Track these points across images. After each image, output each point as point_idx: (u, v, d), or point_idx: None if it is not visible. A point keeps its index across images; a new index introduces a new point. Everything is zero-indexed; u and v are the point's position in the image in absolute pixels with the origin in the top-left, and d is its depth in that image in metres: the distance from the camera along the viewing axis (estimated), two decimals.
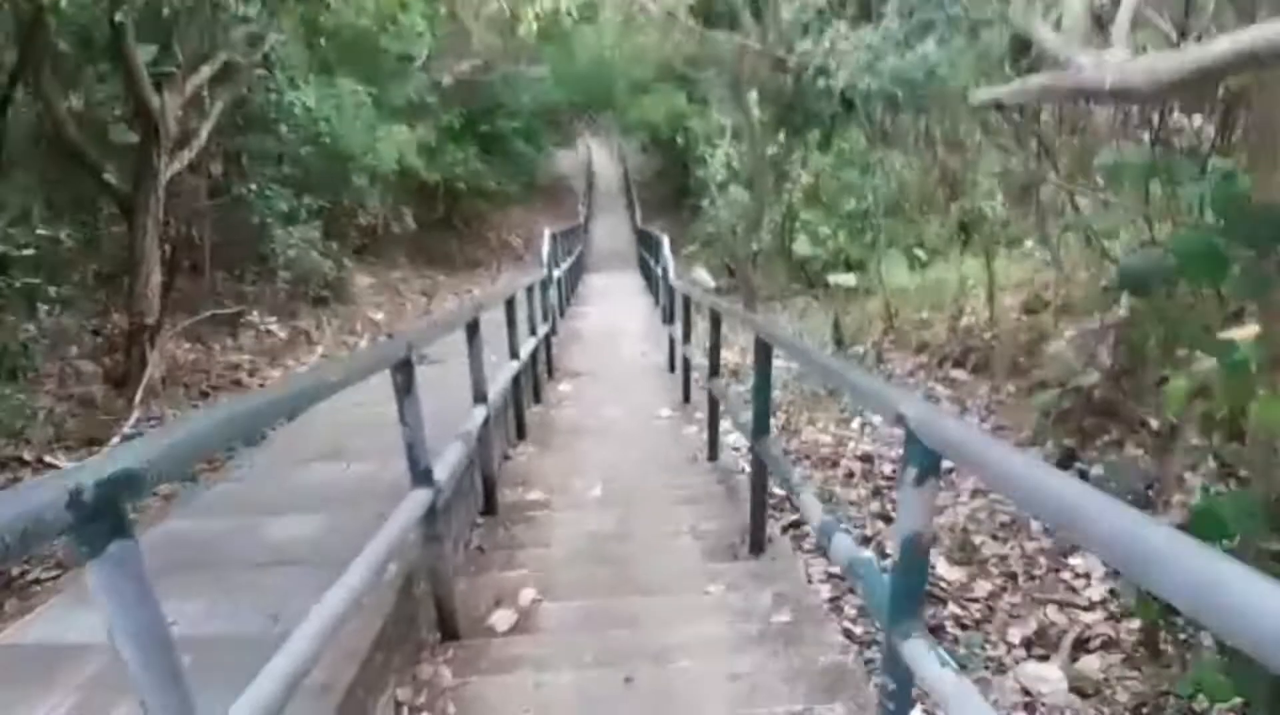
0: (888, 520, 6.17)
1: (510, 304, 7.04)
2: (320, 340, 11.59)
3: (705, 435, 7.22)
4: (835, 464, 7.49)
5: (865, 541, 5.76)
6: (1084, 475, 6.53)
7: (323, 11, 11.93)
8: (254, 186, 10.99)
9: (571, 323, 13.87)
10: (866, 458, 7.53)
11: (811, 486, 4.13)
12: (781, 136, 17.65)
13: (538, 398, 9.10)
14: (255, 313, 10.76)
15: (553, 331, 11.56)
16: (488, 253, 23.85)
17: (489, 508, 5.59)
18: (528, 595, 4.22)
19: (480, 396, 5.24)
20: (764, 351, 4.27)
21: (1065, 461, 6.78)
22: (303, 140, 12.02)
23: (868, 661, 3.95)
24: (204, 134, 9.97)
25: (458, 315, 4.92)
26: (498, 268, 22.89)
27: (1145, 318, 7.54)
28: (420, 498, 3.41)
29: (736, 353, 12.70)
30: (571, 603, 4.17)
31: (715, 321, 6.38)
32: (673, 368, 10.54)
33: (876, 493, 6.86)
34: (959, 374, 9.29)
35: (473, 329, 5.12)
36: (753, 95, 16.42)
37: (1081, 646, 4.38)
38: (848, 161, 16.15)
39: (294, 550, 4.00)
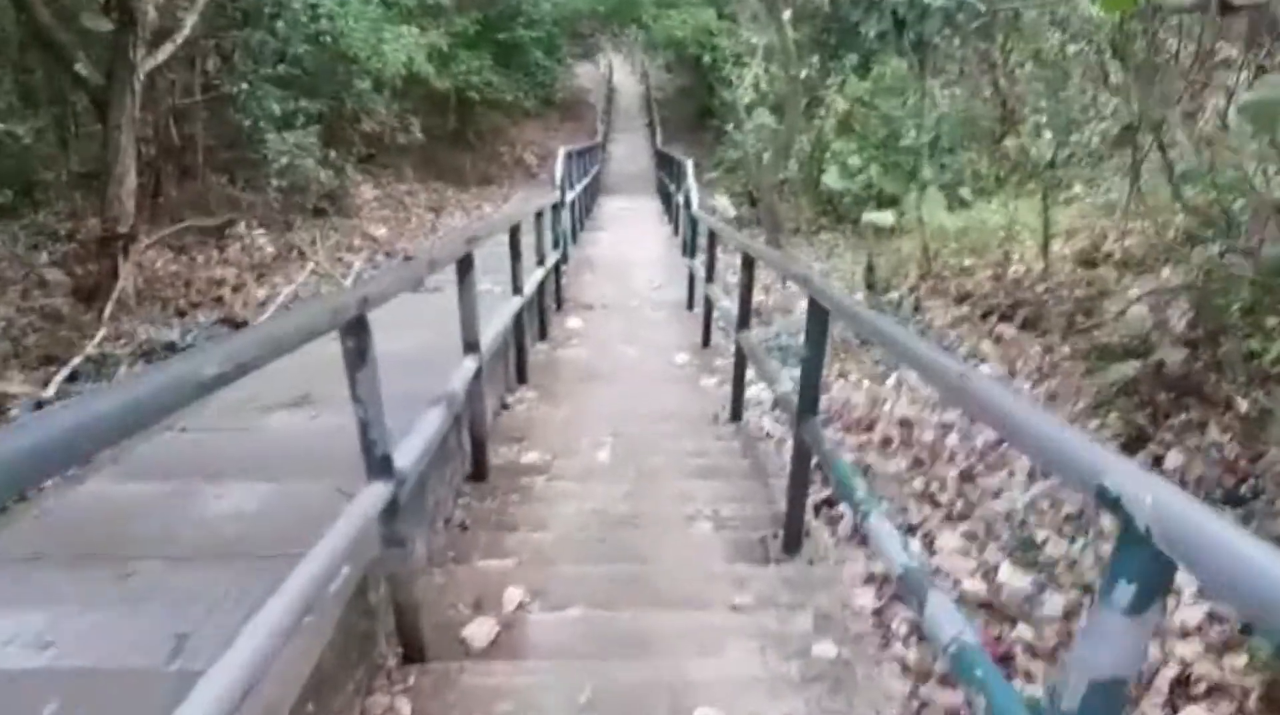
0: (934, 502, 5.41)
1: (514, 232, 6.21)
2: (313, 256, 10.77)
3: (727, 388, 6.46)
4: (870, 427, 6.72)
5: (909, 530, 5.00)
6: (1158, 461, 5.75)
7: None
8: (245, 85, 10.05)
9: (584, 249, 13.01)
10: (905, 422, 6.74)
11: (878, 501, 3.34)
12: (816, 59, 16.60)
13: (544, 334, 8.32)
14: (243, 223, 9.92)
15: (564, 259, 10.72)
16: (500, 169, 22.82)
17: (478, 472, 4.83)
18: (514, 597, 3.46)
19: (471, 345, 4.45)
20: (819, 319, 3.46)
21: (1135, 443, 5.99)
22: (302, 38, 11.03)
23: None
24: (189, 24, 9.04)
25: (446, 251, 4.08)
26: (510, 185, 21.92)
27: (1226, 278, 6.70)
28: (377, 493, 2.63)
29: (759, 290, 11.86)
30: (567, 612, 3.41)
31: (748, 264, 5.55)
32: (691, 305, 9.75)
33: (918, 464, 6.10)
34: (1006, 329, 8.43)
35: (465, 266, 4.31)
36: (787, 14, 15.33)
37: (1182, 690, 3.62)
38: (887, 89, 15.07)
39: (228, 535, 3.24)
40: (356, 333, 2.52)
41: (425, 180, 19.31)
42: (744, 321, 5.62)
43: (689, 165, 11.96)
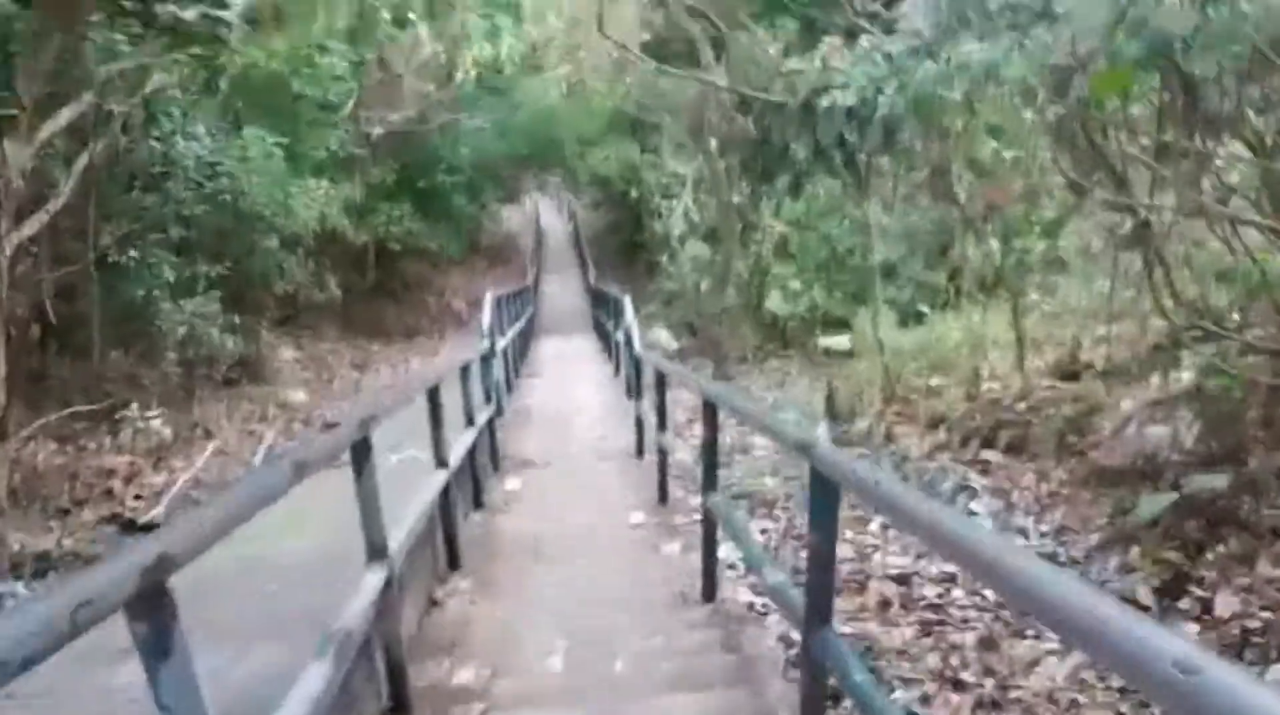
0: (957, 685, 4.47)
1: (434, 396, 5.31)
2: (218, 432, 9.74)
3: (693, 557, 5.53)
4: (862, 588, 5.81)
5: None
6: (1207, 608, 4.89)
7: (221, 52, 10.26)
8: (134, 253, 9.15)
9: (521, 398, 12.11)
10: (902, 579, 5.85)
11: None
12: (746, 185, 16.22)
13: (479, 502, 7.34)
14: (135, 405, 8.88)
15: (498, 412, 9.81)
16: (428, 319, 22.00)
17: (397, 706, 3.81)
18: None
19: (377, 551, 3.50)
20: (827, 495, 2.60)
21: (1173, 585, 5.14)
22: (198, 199, 10.21)
23: None
24: (65, 190, 8.18)
25: (321, 445, 3.13)
26: (439, 336, 21.08)
27: (1226, 384, 5.99)
28: None
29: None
30: None
31: (711, 413, 4.69)
32: (640, 452, 8.86)
33: (925, 630, 5.18)
34: (991, 456, 7.65)
35: (359, 453, 3.39)
36: (713, 142, 14.98)
37: None
38: (822, 210, 14.65)
39: None
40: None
41: (348, 337, 18.41)
42: (710, 482, 4.73)
43: (626, 302, 11.22)
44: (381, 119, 17.39)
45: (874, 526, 6.80)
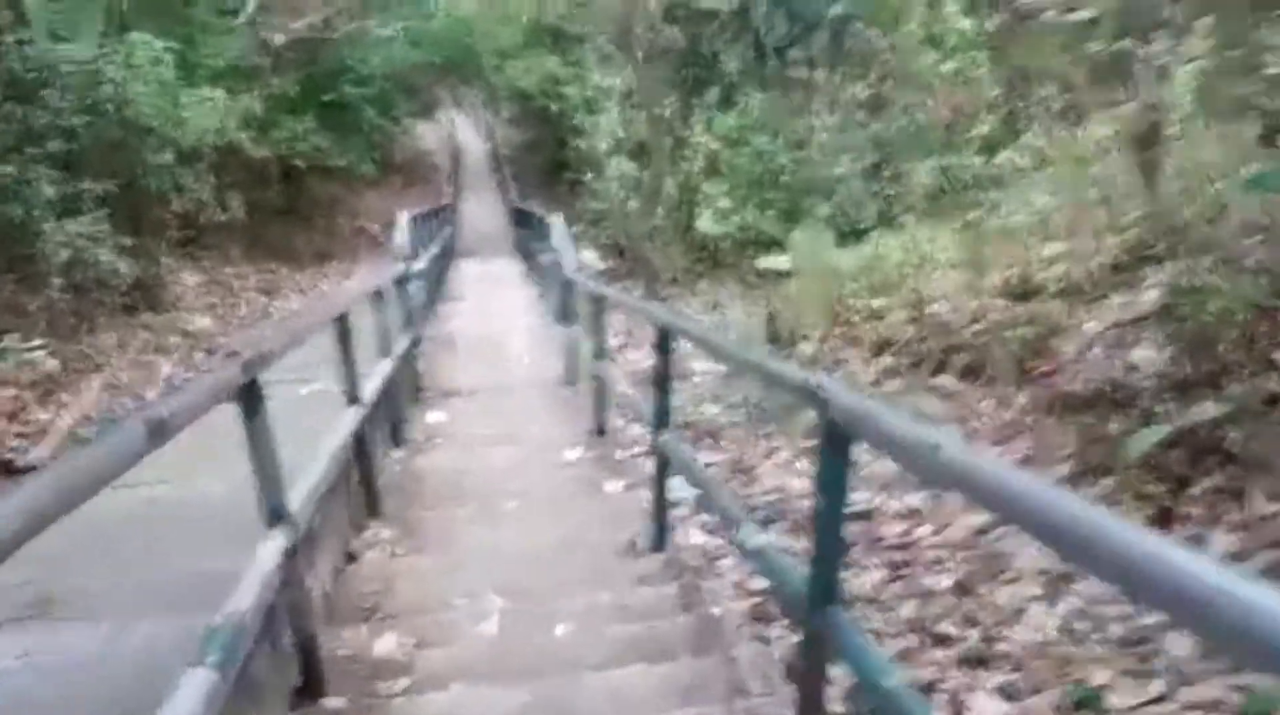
0: (937, 638, 4.07)
1: (342, 325, 4.68)
2: (109, 364, 8.90)
3: (639, 495, 5.06)
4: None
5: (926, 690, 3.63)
6: (1199, 542, 4.53)
7: None
8: (9, 169, 8.16)
9: (443, 323, 11.42)
10: (862, 514, 5.43)
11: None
12: (674, 99, 15.55)
13: (398, 439, 6.74)
14: (16, 335, 8.00)
15: (416, 342, 9.16)
16: (340, 242, 20.92)
17: (309, 685, 3.26)
18: None
19: (276, 513, 2.92)
20: (838, 448, 2.08)
21: (1160, 523, 4.78)
22: (79, 109, 9.16)
23: None
24: None
25: (209, 388, 2.52)
26: (353, 259, 20.10)
27: (1202, 300, 5.63)
28: None
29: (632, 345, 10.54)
30: None
31: (664, 339, 4.14)
32: (572, 380, 8.33)
33: (895, 575, 4.79)
34: (945, 382, 7.24)
35: (249, 399, 2.78)
36: (640, 54, 14.25)
37: None
38: (754, 125, 14.03)
39: None
40: None
41: (255, 261, 17.37)
42: (663, 419, 4.21)
43: (556, 221, 10.53)
44: (283, 25, 16.16)
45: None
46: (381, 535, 4.86)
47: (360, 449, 4.94)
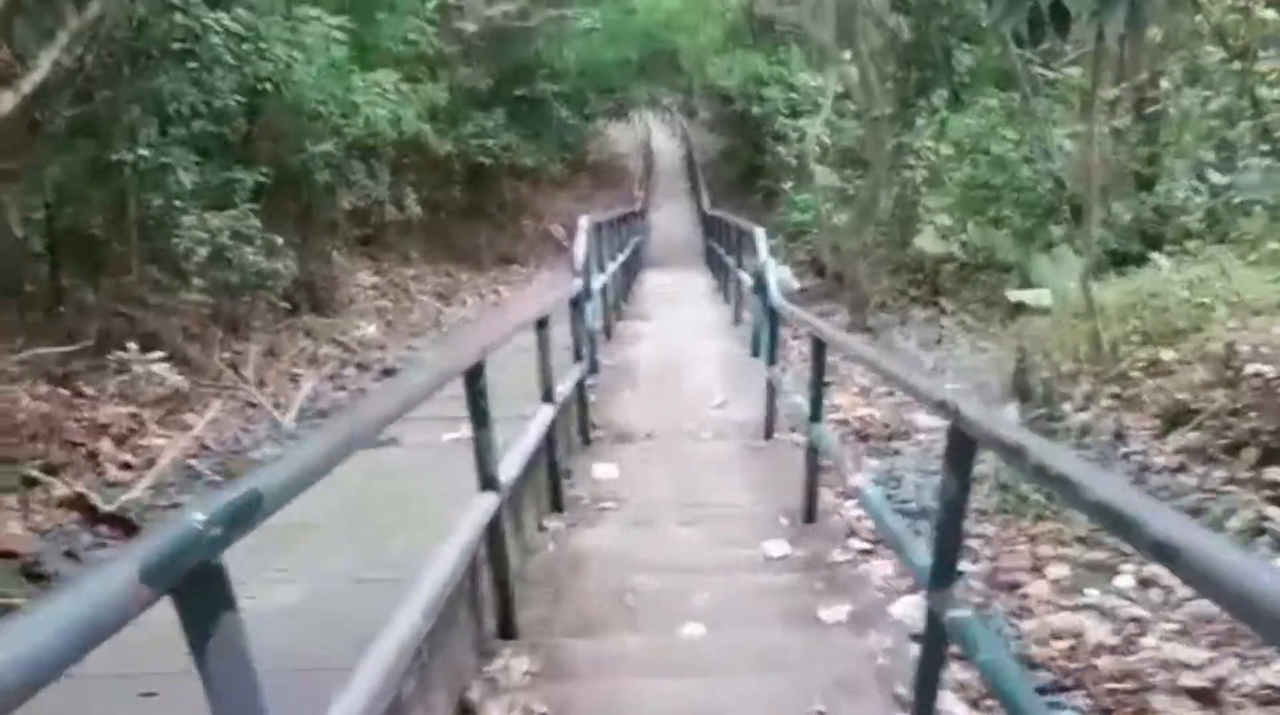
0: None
1: (473, 381, 3.31)
2: (244, 379, 7.92)
3: (875, 646, 3.52)
4: None
5: None
6: None
7: None
8: (144, 152, 7.26)
9: (622, 348, 10.04)
10: (1205, 693, 3.69)
11: None
12: (895, 100, 13.78)
13: (557, 503, 5.39)
14: (133, 344, 7.07)
15: (592, 368, 7.85)
16: (524, 245, 19.98)
17: None
18: None
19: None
20: None
21: None
22: (231, 87, 8.19)
23: None
24: (45, 63, 6.33)
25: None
26: (536, 263, 19.13)
27: None
28: None
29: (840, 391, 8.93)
30: None
31: (962, 447, 2.57)
32: (770, 432, 6.83)
33: None
34: None
35: None
36: (864, 46, 12.58)
37: None
38: (990, 131, 12.12)
39: None
40: None
41: (435, 262, 16.57)
42: (945, 571, 2.63)
43: (759, 234, 8.98)
44: (476, 12, 15.18)
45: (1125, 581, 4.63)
46: (513, 676, 3.46)
47: (494, 542, 3.58)
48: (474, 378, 3.26)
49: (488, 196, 19.14)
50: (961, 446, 2.31)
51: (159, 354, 7.05)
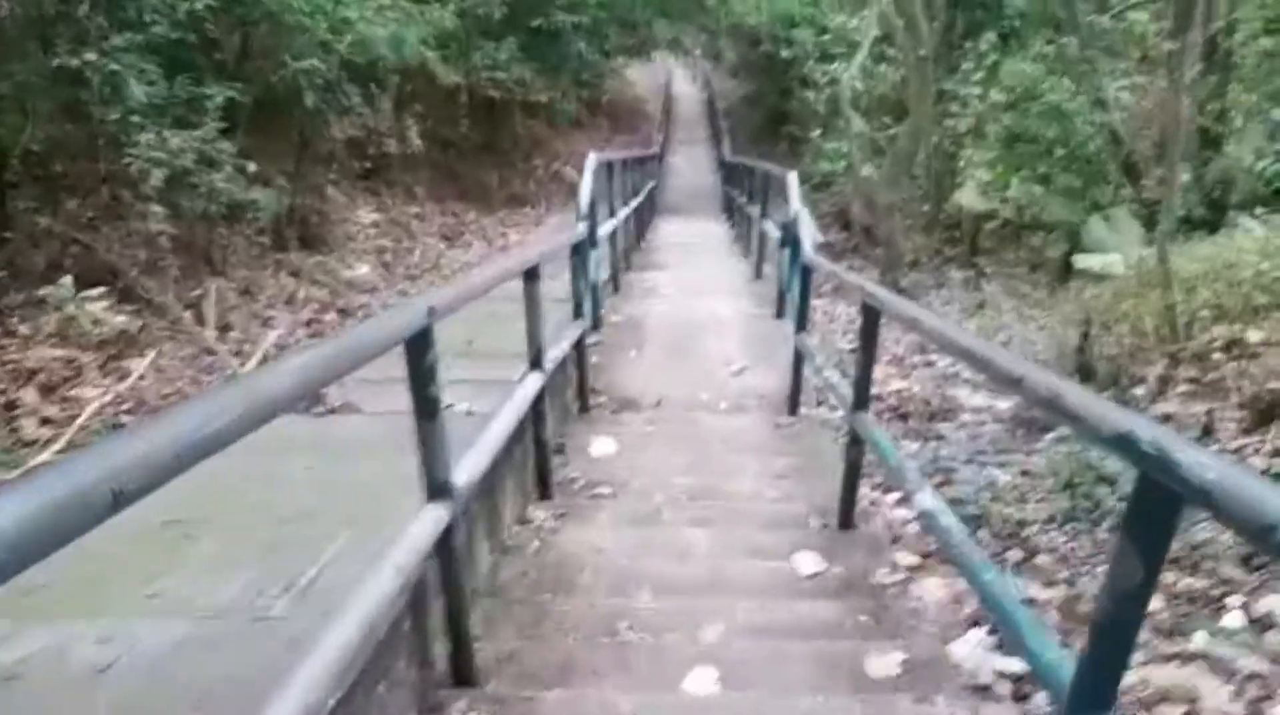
0: None
1: (420, 358, 2.41)
2: (193, 324, 7.02)
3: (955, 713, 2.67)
4: None
5: None
6: None
7: None
8: (94, 57, 6.30)
9: (632, 301, 9.13)
10: None
11: None
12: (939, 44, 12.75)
13: (543, 489, 4.55)
14: (68, 278, 6.18)
15: (595, 324, 6.98)
16: (535, 186, 18.90)
17: None
18: None
19: None
20: None
21: None
22: None
23: None
24: None
25: None
26: (546, 206, 18.13)
27: None
28: None
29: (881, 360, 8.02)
30: None
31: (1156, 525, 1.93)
32: (794, 407, 5.95)
33: None
34: None
35: None
36: None
37: None
38: (1045, 79, 11.05)
39: None
40: None
41: (442, 201, 15.57)
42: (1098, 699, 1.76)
43: (791, 179, 7.99)
44: None
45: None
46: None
47: (446, 565, 2.72)
48: (417, 350, 2.37)
49: (499, 134, 18.07)
50: (1156, 506, 1.41)
51: (100, 290, 6.17)
